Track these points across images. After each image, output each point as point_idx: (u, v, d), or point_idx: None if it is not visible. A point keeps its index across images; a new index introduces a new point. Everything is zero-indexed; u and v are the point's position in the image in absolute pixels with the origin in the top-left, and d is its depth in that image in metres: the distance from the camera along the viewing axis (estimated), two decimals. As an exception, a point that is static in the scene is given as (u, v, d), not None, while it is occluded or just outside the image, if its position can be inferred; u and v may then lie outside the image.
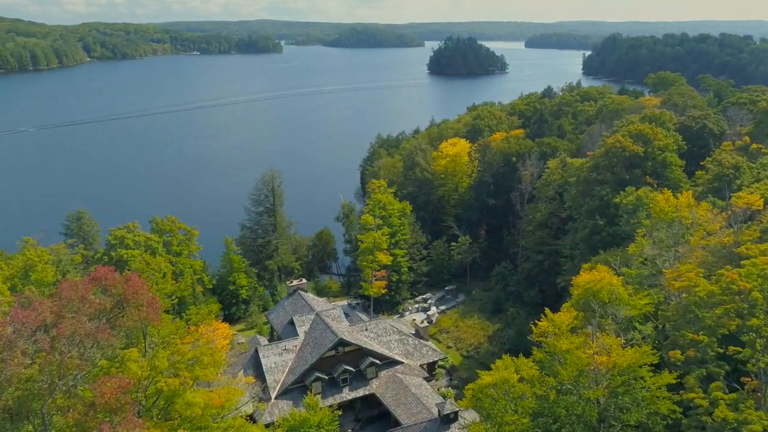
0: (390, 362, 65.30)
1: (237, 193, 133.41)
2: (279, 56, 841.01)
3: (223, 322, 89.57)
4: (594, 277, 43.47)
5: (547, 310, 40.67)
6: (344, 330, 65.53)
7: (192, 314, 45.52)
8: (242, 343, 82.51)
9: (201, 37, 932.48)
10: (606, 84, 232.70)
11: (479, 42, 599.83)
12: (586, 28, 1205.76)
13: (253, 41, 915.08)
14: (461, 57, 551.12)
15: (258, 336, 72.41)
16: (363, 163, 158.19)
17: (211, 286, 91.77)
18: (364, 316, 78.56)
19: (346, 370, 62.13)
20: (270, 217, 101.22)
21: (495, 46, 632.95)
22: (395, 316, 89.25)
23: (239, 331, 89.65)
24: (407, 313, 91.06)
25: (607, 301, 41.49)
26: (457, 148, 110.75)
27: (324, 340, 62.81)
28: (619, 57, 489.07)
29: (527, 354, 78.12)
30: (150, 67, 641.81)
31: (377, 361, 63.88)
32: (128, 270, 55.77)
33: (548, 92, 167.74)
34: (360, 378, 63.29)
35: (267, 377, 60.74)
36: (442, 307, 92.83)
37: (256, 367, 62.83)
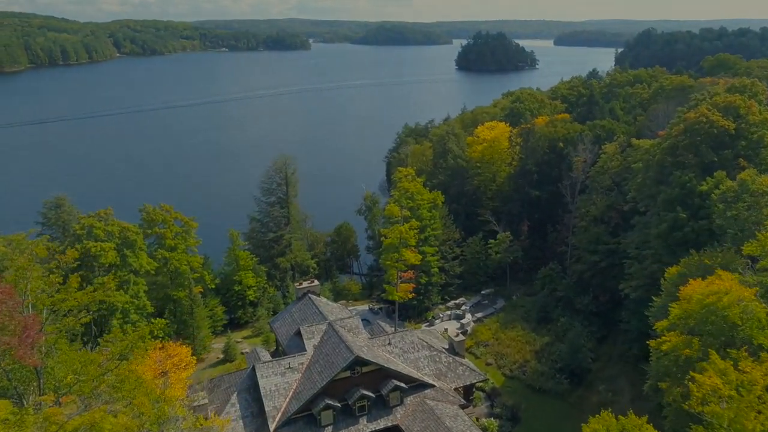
0: (418, 385, 52.73)
1: (252, 183, 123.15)
2: (306, 53, 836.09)
3: (226, 327, 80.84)
4: (716, 287, 30.31)
5: (714, 356, 25.13)
6: (362, 345, 53.15)
7: (116, 337, 30.10)
8: (245, 353, 71.14)
9: (230, 34, 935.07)
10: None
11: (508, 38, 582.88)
12: (617, 26, 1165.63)
13: (281, 38, 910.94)
14: (490, 53, 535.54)
15: (258, 349, 60.42)
16: (389, 153, 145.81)
17: (213, 286, 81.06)
18: (387, 326, 66.14)
19: (363, 396, 49.71)
20: (283, 208, 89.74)
21: (524, 44, 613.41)
22: (424, 325, 76.92)
23: (244, 338, 78.62)
24: (438, 320, 78.52)
25: (739, 323, 28.40)
26: (496, 132, 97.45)
27: (337, 358, 50.48)
28: (654, 52, 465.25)
29: (584, 375, 66.57)
30: (178, 62, 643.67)
31: (402, 385, 51.30)
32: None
33: (594, 74, 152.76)
34: (381, 405, 50.82)
35: (265, 403, 48.66)
36: (479, 315, 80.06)
37: (253, 390, 50.90)
